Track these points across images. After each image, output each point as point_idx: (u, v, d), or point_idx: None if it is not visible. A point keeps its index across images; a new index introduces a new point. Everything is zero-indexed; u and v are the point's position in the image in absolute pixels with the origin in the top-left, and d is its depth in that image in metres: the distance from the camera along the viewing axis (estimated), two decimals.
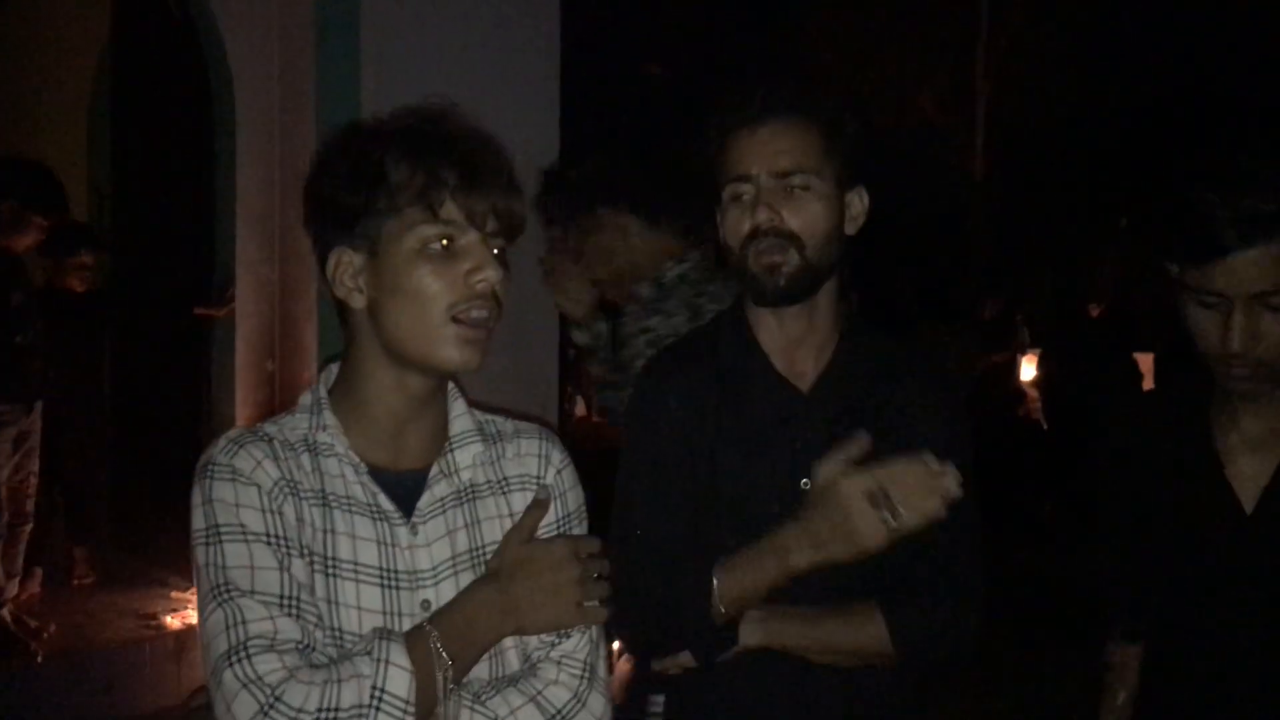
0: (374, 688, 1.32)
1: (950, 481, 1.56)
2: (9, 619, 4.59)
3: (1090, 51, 16.29)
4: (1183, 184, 1.66)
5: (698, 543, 1.75)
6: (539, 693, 1.48)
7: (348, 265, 1.47)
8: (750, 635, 1.71)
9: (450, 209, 1.44)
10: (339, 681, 1.31)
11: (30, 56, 6.70)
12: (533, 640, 1.52)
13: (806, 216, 1.72)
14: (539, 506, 1.54)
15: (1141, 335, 8.62)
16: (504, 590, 1.45)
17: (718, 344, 1.86)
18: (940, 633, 1.73)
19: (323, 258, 1.49)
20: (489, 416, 1.64)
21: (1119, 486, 1.90)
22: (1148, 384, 7.91)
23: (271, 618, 1.34)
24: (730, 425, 1.79)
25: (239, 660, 1.31)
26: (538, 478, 1.60)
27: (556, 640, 1.52)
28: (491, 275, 1.44)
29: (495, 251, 1.47)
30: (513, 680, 1.49)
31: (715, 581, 1.67)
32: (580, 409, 11.28)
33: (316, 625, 1.38)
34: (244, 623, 1.33)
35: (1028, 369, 9.48)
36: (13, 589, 4.73)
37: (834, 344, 1.82)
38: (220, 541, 1.38)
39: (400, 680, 1.33)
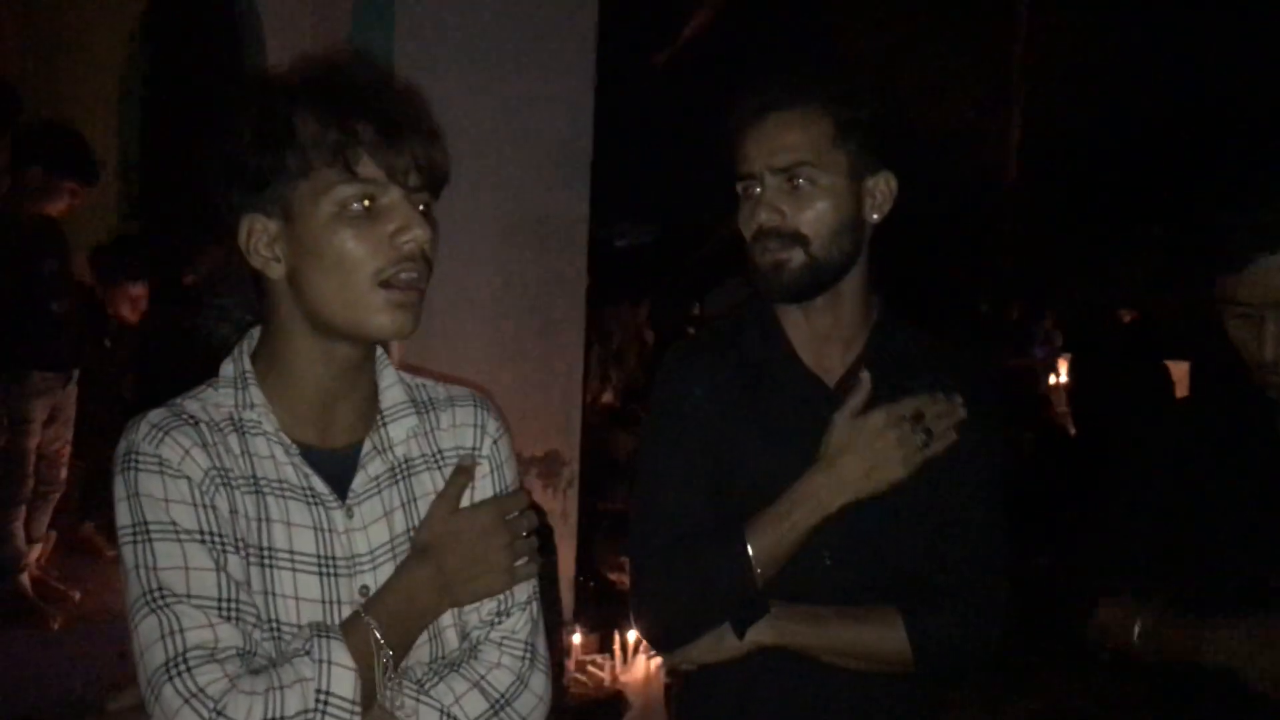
0: (318, 691, 1.27)
1: (960, 409, 1.65)
2: (28, 585, 4.60)
3: (1129, 54, 16.14)
4: (1207, 202, 1.76)
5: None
6: (482, 677, 1.44)
7: (261, 233, 1.37)
8: (764, 633, 1.68)
9: (368, 166, 1.34)
10: (281, 688, 1.25)
11: (64, 25, 6.71)
12: (472, 618, 1.47)
13: (811, 213, 1.69)
14: (463, 473, 1.47)
15: (1174, 342, 8.53)
16: (436, 567, 1.39)
17: (740, 336, 1.82)
18: (961, 642, 1.69)
19: (233, 226, 1.39)
20: (420, 381, 1.56)
21: (1162, 487, 1.91)
22: (1180, 392, 7.81)
23: (211, 625, 1.26)
24: (754, 418, 1.75)
25: (179, 673, 1.24)
26: (474, 449, 1.52)
27: (496, 619, 1.47)
28: (419, 235, 1.35)
29: (421, 208, 1.38)
30: (454, 664, 1.45)
31: (748, 542, 1.64)
32: (609, 396, 11.29)
33: (255, 625, 1.31)
34: (181, 631, 1.26)
35: (1061, 373, 9.41)
36: (34, 553, 4.74)
37: (863, 337, 1.78)
38: (150, 540, 1.29)
39: (345, 680, 1.28)
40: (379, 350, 1.50)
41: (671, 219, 17.69)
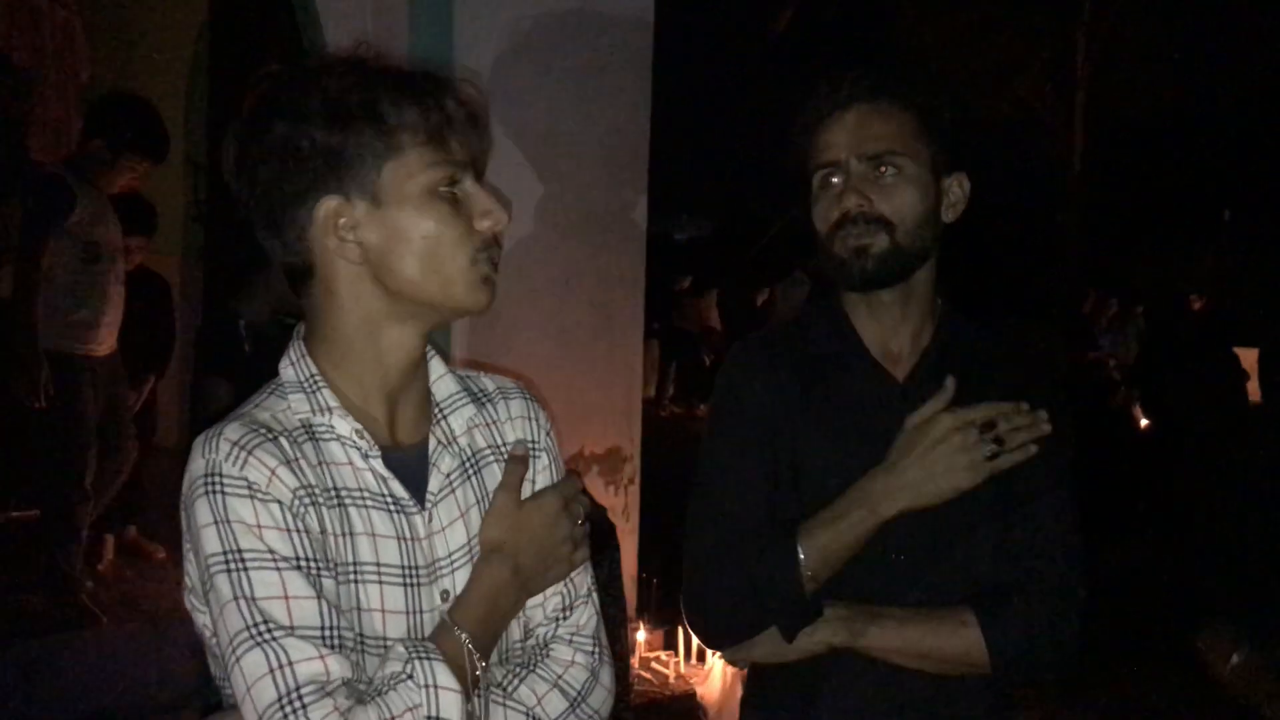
0: (428, 717, 1.26)
1: (1043, 423, 1.57)
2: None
3: (1196, 39, 15.84)
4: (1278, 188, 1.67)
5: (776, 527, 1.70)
6: (559, 677, 1.45)
7: (337, 216, 1.34)
8: (834, 635, 1.65)
9: (459, 151, 1.37)
10: (393, 719, 1.23)
11: (131, 22, 6.82)
12: (536, 614, 1.48)
13: (898, 201, 1.67)
14: (519, 463, 1.47)
15: (1244, 329, 8.36)
16: (515, 566, 1.40)
17: (808, 331, 1.80)
18: (1038, 642, 1.64)
19: (290, 211, 1.34)
20: (464, 372, 1.55)
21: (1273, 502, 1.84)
22: (1252, 380, 7.65)
23: (321, 657, 1.24)
24: (819, 414, 1.73)
25: (293, 710, 1.21)
26: (533, 442, 1.53)
27: (562, 615, 1.48)
28: (500, 218, 1.39)
29: None
30: (529, 664, 1.45)
31: (799, 545, 1.62)
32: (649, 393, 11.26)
33: (354, 648, 1.29)
34: (291, 664, 1.22)
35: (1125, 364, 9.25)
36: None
37: (929, 331, 1.76)
38: (246, 569, 1.25)
39: (452, 704, 1.27)
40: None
41: (730, 213, 17.63)
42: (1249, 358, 8.19)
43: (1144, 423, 8.59)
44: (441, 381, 1.49)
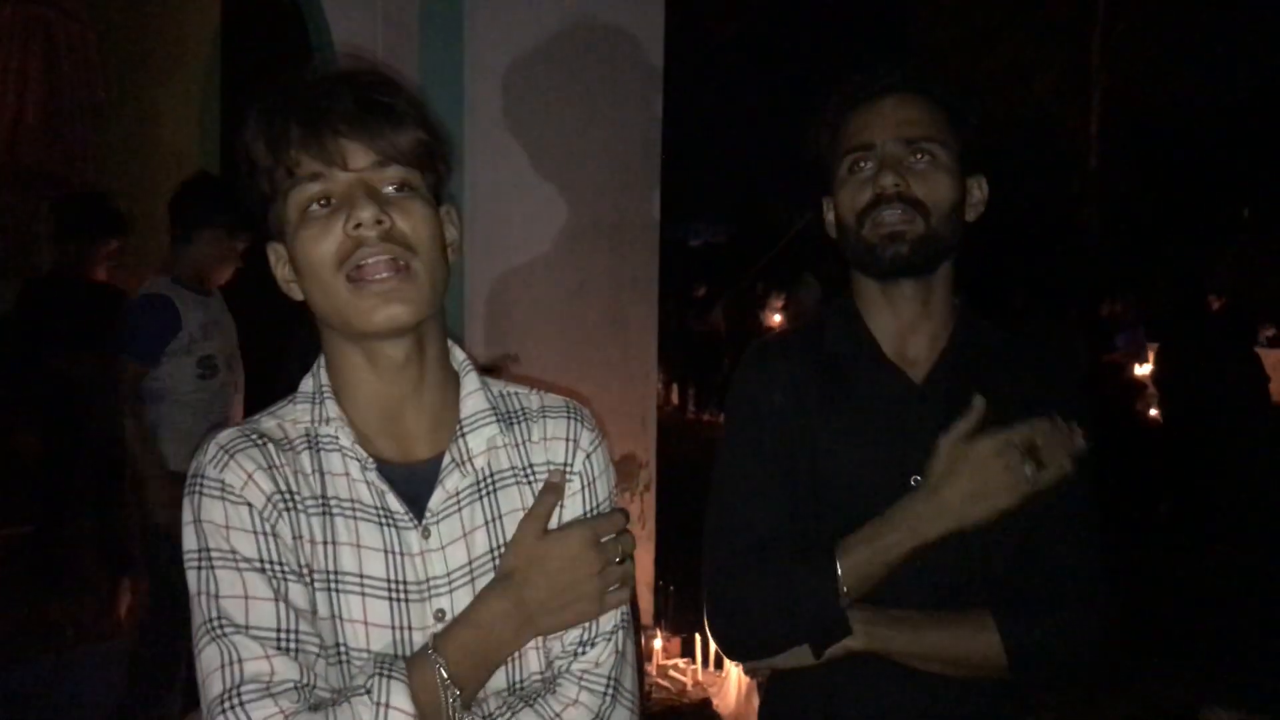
0: None
1: (1078, 438, 1.57)
2: None
3: (1212, 38, 15.78)
4: None
5: (797, 537, 1.67)
6: (556, 715, 1.36)
7: (279, 259, 1.38)
8: (855, 639, 1.63)
9: (306, 162, 1.30)
10: None
11: (143, 40, 6.85)
12: (555, 646, 1.40)
13: (932, 185, 1.66)
14: (551, 491, 1.39)
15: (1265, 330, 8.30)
16: (519, 598, 1.32)
17: (824, 333, 1.78)
18: (1058, 645, 1.62)
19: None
20: (513, 389, 1.49)
21: None
22: (1276, 381, 7.59)
23: (267, 657, 1.24)
24: (837, 417, 1.71)
25: (233, 706, 1.22)
26: (566, 465, 1.44)
27: (580, 650, 1.40)
28: (361, 216, 1.28)
29: (392, 188, 1.32)
30: (529, 699, 1.38)
31: (838, 563, 1.59)
32: (675, 397, 11.31)
33: (319, 655, 1.28)
34: (239, 661, 1.24)
35: (1145, 364, 9.20)
36: None
37: (948, 333, 1.74)
38: (212, 567, 1.28)
39: None
40: (461, 356, 1.46)
41: (745, 217, 17.63)
42: (1270, 359, 8.16)
43: (1163, 424, 8.55)
44: (470, 399, 1.44)
